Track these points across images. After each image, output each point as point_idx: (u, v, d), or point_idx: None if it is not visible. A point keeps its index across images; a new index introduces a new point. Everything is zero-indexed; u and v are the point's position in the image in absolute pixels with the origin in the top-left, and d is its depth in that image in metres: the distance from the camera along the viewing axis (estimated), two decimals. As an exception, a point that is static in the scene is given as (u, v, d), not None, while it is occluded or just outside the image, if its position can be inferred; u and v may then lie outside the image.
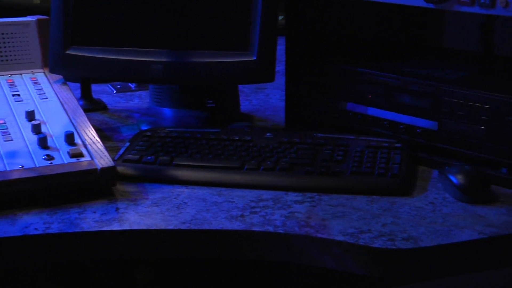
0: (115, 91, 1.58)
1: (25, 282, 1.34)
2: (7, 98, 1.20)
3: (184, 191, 1.07)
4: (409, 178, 1.08)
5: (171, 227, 0.96)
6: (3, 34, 1.29)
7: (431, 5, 1.06)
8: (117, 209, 1.01)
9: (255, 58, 1.20)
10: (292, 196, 1.05)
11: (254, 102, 1.50)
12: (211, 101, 1.34)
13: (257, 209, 1.01)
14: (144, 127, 1.30)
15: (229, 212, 1.00)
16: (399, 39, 1.39)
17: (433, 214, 0.99)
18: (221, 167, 1.10)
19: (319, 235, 0.93)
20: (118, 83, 1.61)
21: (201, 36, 1.23)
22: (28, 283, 1.34)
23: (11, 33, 1.30)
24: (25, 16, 1.32)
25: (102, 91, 1.58)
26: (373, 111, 1.20)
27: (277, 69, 1.23)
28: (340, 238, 0.92)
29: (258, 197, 1.05)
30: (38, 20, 1.31)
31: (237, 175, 1.09)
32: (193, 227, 0.96)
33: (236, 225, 0.96)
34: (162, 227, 0.96)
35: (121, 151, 1.16)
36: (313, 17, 1.27)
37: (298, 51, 1.25)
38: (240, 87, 1.43)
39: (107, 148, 1.09)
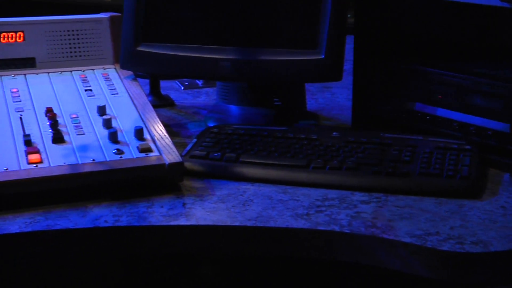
0: (182, 88, 1.60)
1: (92, 274, 1.37)
2: (79, 93, 1.24)
3: (250, 188, 1.07)
4: (478, 181, 1.06)
5: (236, 223, 0.97)
6: (77, 30, 1.32)
7: (505, 4, 1.03)
8: (184, 204, 1.03)
9: (323, 56, 1.20)
10: (358, 196, 1.04)
11: (320, 101, 1.50)
12: (277, 99, 1.34)
13: (323, 208, 1.00)
14: (211, 124, 1.31)
15: (295, 210, 1.00)
16: (471, 38, 1.36)
17: (504, 218, 0.96)
18: (287, 165, 1.10)
19: (385, 236, 0.93)
20: (186, 79, 1.63)
21: (269, 33, 1.24)
22: (95, 275, 1.37)
23: (85, 30, 1.33)
24: (98, 13, 1.35)
25: (170, 88, 1.60)
26: (442, 112, 1.18)
27: (344, 68, 1.22)
28: (407, 239, 0.91)
29: (323, 196, 1.04)
30: (111, 17, 1.34)
31: (303, 174, 1.09)
32: (258, 224, 0.97)
33: (301, 224, 0.96)
34: (228, 224, 0.97)
35: (188, 147, 1.18)
36: (382, 15, 1.26)
37: (366, 50, 1.24)
38: (307, 85, 1.43)
39: (175, 144, 1.11)
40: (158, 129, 1.14)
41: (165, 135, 1.12)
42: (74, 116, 1.16)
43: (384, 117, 1.25)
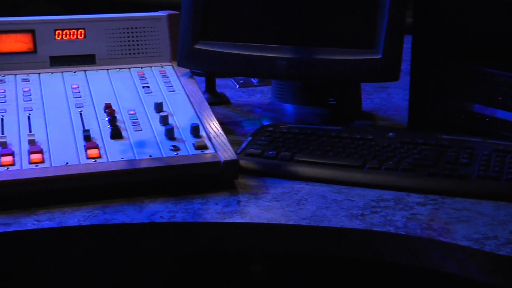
0: (238, 86, 1.61)
1: (146, 269, 1.39)
2: (137, 90, 1.25)
3: (304, 187, 1.07)
4: (539, 185, 1.04)
5: (291, 222, 0.97)
6: (136, 28, 1.34)
7: None
8: (239, 202, 1.03)
9: (380, 56, 1.19)
10: (414, 198, 1.03)
11: (376, 101, 1.49)
12: (333, 99, 1.33)
13: (378, 209, 1.00)
14: (265, 122, 1.32)
15: (349, 210, 0.99)
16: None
17: None
18: (342, 165, 1.10)
19: (442, 238, 0.91)
20: (241, 78, 1.64)
21: (326, 32, 1.23)
22: (149, 270, 1.39)
23: (143, 28, 1.35)
24: (156, 11, 1.37)
25: (225, 86, 1.61)
26: (502, 114, 1.15)
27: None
28: (465, 243, 0.90)
29: (379, 196, 1.03)
30: (169, 15, 1.36)
31: (358, 174, 1.08)
32: (313, 223, 0.96)
33: (356, 224, 0.96)
34: (282, 222, 0.97)
35: (243, 145, 1.18)
36: (442, 15, 1.24)
37: (425, 50, 1.23)
38: (362, 85, 1.42)
39: (230, 142, 1.12)
40: (214, 127, 1.15)
41: (220, 133, 1.13)
42: (132, 112, 1.18)
43: (441, 118, 1.23)
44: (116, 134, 1.10)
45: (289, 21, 1.25)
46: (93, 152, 1.05)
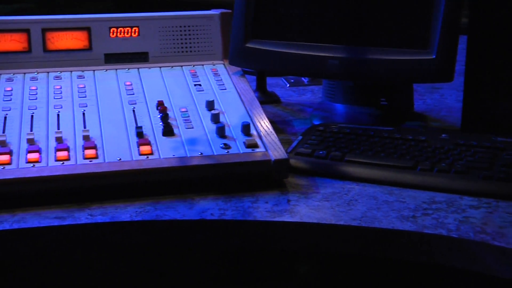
0: (288, 85, 1.61)
1: (195, 265, 1.40)
2: (189, 88, 1.27)
3: (355, 187, 1.07)
4: None
5: (341, 222, 0.97)
6: (188, 26, 1.35)
7: None
8: (289, 201, 1.03)
9: (434, 56, 1.17)
10: (467, 201, 1.01)
11: (428, 102, 1.47)
12: (384, 99, 1.32)
13: (430, 211, 0.98)
14: (316, 122, 1.31)
15: (400, 212, 0.98)
16: None
17: None
18: (393, 166, 1.09)
19: (495, 243, 0.90)
20: (292, 77, 1.64)
21: (379, 32, 1.22)
22: (198, 266, 1.40)
23: (196, 26, 1.36)
24: (209, 9, 1.38)
25: (276, 84, 1.61)
26: (560, 117, 1.13)
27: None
28: (519, 248, 0.88)
29: (430, 198, 1.02)
30: (222, 13, 1.37)
31: (410, 175, 1.07)
32: (363, 224, 0.96)
33: (407, 226, 0.95)
34: (333, 222, 0.97)
35: (294, 144, 1.18)
36: (498, 15, 1.21)
37: (480, 50, 1.20)
38: (415, 85, 1.40)
39: (280, 141, 1.12)
40: (265, 125, 1.15)
41: (271, 131, 1.13)
42: (183, 110, 1.19)
43: (496, 120, 1.21)
44: (168, 131, 1.12)
45: (341, 20, 1.25)
46: (145, 148, 1.07)
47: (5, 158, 1.02)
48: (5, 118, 1.13)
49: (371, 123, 1.29)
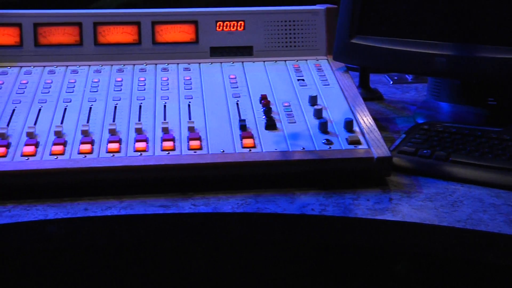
0: (391, 82, 1.59)
1: (290, 258, 1.40)
2: (292, 82, 1.27)
3: (460, 188, 1.04)
4: None
5: (444, 223, 0.94)
6: (293, 21, 1.36)
7: None
8: (390, 199, 1.02)
9: (548, 55, 1.13)
10: None
11: (539, 103, 1.41)
12: (492, 99, 1.28)
13: (540, 217, 0.95)
14: (420, 120, 1.29)
15: (509, 216, 0.95)
16: None
17: None
18: (501, 168, 1.05)
19: None
20: (395, 74, 1.61)
21: (488, 29, 1.18)
22: (293, 259, 1.41)
23: (301, 21, 1.36)
24: (314, 4, 1.38)
25: (379, 81, 1.59)
26: None
27: None
28: None
29: (540, 203, 0.98)
30: (327, 8, 1.36)
31: (519, 179, 1.03)
32: (468, 226, 0.93)
33: (515, 231, 0.92)
34: (436, 223, 0.95)
35: (397, 142, 1.16)
36: None
37: None
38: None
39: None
40: (368, 122, 1.14)
41: (374, 129, 1.12)
42: (286, 104, 1.20)
43: None
44: (271, 125, 1.12)
45: (449, 17, 1.21)
46: (248, 141, 1.08)
47: (115, 146, 1.06)
48: (115, 107, 1.17)
49: (478, 123, 1.25)
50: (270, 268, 1.34)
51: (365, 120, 1.14)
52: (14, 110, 1.16)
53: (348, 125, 1.12)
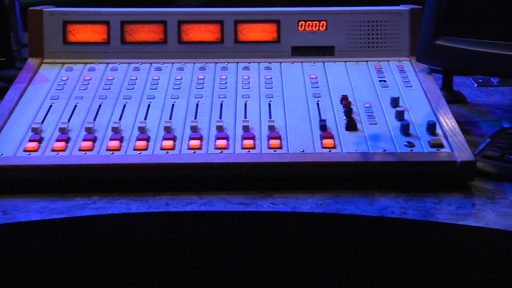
0: (475, 85, 1.55)
1: (364, 262, 1.39)
2: (374, 83, 1.26)
3: (547, 196, 1.01)
4: None
5: (530, 232, 0.92)
6: (376, 22, 1.34)
7: None
8: (474, 205, 0.99)
9: None
10: None
11: None
12: None
13: None
14: (506, 125, 1.25)
15: None
16: None
17: None
18: None
19: None
20: (480, 76, 1.57)
21: None
22: (364, 264, 1.39)
23: (384, 21, 1.34)
24: (398, 5, 1.36)
25: (462, 84, 1.56)
26: None
27: None
28: None
29: None
30: (411, 9, 1.34)
31: None
32: (555, 236, 0.90)
33: None
34: (522, 231, 0.92)
35: (481, 146, 1.13)
36: None
37: None
38: None
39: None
40: (451, 125, 1.11)
41: (458, 132, 1.09)
42: (367, 105, 1.18)
43: None
44: (351, 126, 1.12)
45: (541, 19, 1.18)
46: (328, 142, 1.08)
47: (196, 143, 1.07)
48: (197, 105, 1.19)
49: None
50: (347, 270, 1.33)
51: (449, 123, 1.12)
52: (100, 105, 1.19)
53: (431, 128, 1.10)
